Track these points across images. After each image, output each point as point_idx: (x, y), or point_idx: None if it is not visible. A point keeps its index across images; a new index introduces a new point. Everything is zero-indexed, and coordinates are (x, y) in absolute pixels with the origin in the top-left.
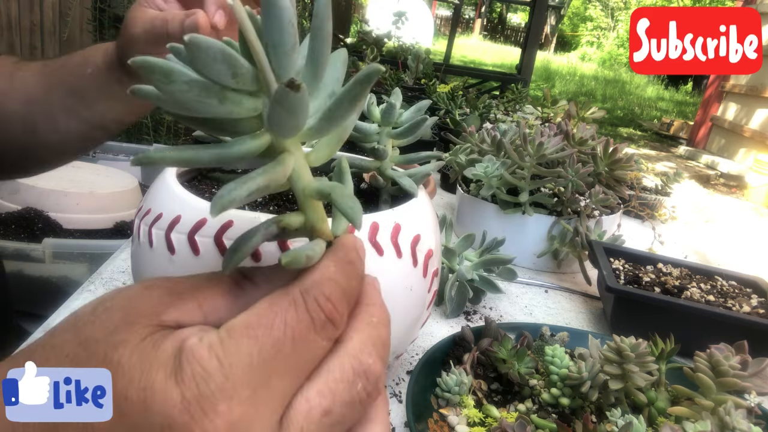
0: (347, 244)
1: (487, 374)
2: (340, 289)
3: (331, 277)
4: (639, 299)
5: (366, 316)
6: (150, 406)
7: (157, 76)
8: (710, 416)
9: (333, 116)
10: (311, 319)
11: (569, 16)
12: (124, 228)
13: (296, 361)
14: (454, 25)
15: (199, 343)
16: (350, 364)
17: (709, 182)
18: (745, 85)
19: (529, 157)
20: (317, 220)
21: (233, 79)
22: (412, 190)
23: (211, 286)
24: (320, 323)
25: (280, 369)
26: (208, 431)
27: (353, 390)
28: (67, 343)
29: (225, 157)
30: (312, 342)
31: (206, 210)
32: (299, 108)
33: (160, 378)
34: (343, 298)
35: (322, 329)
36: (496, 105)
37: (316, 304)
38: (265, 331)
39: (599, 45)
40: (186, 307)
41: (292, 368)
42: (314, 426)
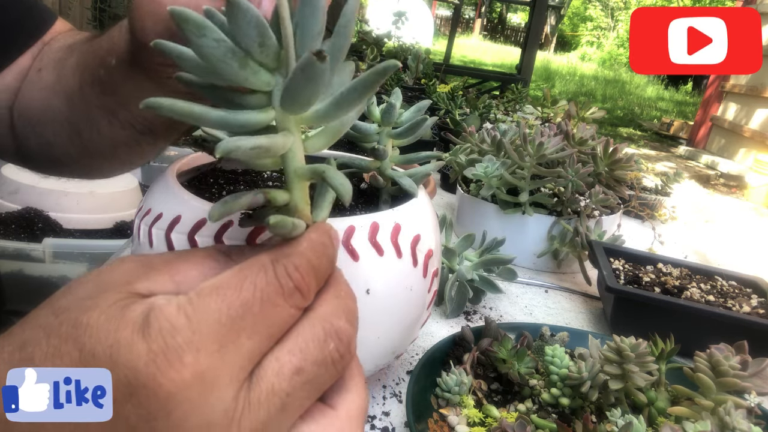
0: (322, 228)
1: (487, 374)
2: (309, 264)
3: (302, 252)
4: (639, 299)
5: (334, 291)
6: (116, 360)
7: (191, 27)
8: (710, 416)
9: (342, 102)
10: (279, 284)
11: (569, 16)
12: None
13: (265, 323)
14: (454, 25)
15: (167, 303)
16: (321, 326)
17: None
18: (745, 85)
19: (529, 157)
20: (300, 201)
21: (259, 47)
22: (412, 190)
23: (185, 260)
24: (288, 290)
25: (248, 328)
26: (175, 380)
27: (325, 349)
28: (41, 316)
29: (230, 122)
30: (280, 306)
31: (206, 210)
32: (320, 79)
33: (127, 334)
34: (311, 271)
35: (290, 296)
36: (496, 105)
37: (284, 272)
38: (234, 291)
39: (599, 45)
40: (159, 278)
41: (261, 329)
42: (285, 383)
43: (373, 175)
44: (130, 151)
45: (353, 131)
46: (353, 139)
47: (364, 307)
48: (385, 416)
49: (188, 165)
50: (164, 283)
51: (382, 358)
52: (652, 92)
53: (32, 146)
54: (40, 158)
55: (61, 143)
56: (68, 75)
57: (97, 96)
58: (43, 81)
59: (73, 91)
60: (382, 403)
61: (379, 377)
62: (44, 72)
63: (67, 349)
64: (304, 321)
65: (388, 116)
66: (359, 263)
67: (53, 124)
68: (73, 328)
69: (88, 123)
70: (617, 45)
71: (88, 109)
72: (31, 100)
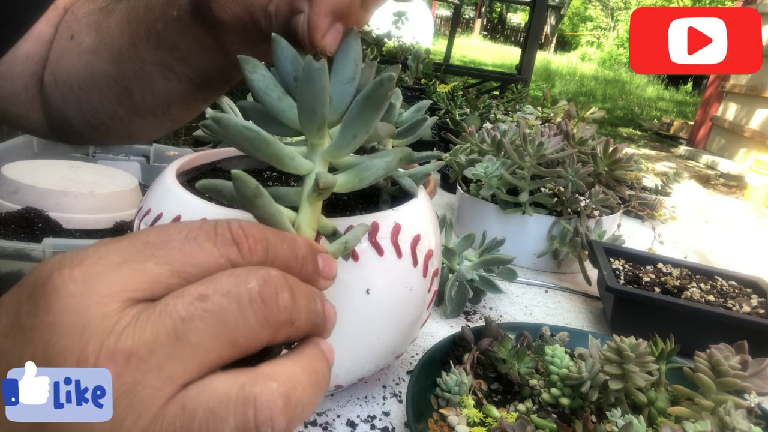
0: (306, 238)
1: (487, 374)
2: (261, 234)
3: (262, 228)
4: (639, 299)
5: (284, 275)
6: (27, 279)
7: (249, 65)
8: (710, 416)
9: (355, 116)
10: (214, 231)
11: (569, 16)
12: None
13: (181, 257)
14: (454, 25)
15: (112, 240)
16: (247, 270)
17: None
18: (745, 85)
19: (529, 157)
20: (305, 222)
21: (294, 81)
22: (413, 189)
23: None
24: (222, 239)
25: (160, 256)
26: (63, 275)
27: (241, 285)
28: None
29: (275, 154)
30: (206, 250)
31: (206, 210)
32: (317, 81)
33: (56, 259)
34: (261, 240)
35: (222, 245)
36: (496, 105)
37: (226, 225)
38: (162, 227)
39: (599, 45)
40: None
41: (174, 262)
42: (182, 306)
43: None
44: (184, 106)
45: None
46: None
47: (364, 307)
48: (385, 416)
49: (188, 165)
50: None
51: (382, 358)
52: (652, 92)
53: (72, 114)
54: (81, 126)
55: (108, 106)
56: (114, 35)
57: (152, 52)
58: (83, 46)
59: (122, 50)
60: (382, 403)
61: (379, 377)
62: (79, 37)
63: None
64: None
65: (388, 116)
66: (359, 263)
67: (99, 88)
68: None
69: (140, 81)
70: (617, 45)
71: (142, 66)
72: (71, 65)
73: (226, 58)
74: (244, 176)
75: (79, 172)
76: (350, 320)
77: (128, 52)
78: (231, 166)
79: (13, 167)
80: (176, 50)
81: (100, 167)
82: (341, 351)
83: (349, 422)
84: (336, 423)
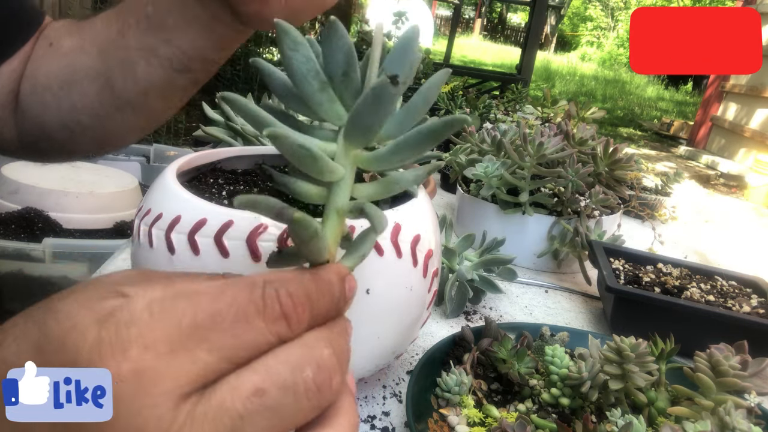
0: (337, 268)
1: (487, 374)
2: (306, 295)
3: (303, 281)
4: (639, 299)
5: (328, 327)
6: (65, 343)
7: (289, 39)
8: (710, 416)
9: (403, 147)
10: (264, 305)
11: (569, 16)
12: (124, 228)
13: (232, 341)
14: (454, 25)
15: (140, 298)
16: (300, 351)
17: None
18: (745, 85)
19: (529, 157)
20: (331, 237)
21: (342, 76)
22: (413, 190)
23: (185, 275)
24: (272, 314)
25: (210, 341)
26: (112, 372)
27: (297, 375)
28: (30, 313)
29: (319, 169)
30: (256, 329)
31: (207, 210)
32: (388, 103)
33: (86, 320)
34: (306, 303)
35: (273, 322)
36: (496, 105)
37: (274, 294)
38: (208, 299)
39: (599, 45)
40: (152, 285)
41: (225, 346)
42: (240, 403)
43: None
44: (161, 96)
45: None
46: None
47: (364, 307)
48: (385, 416)
49: (188, 165)
50: (155, 290)
51: (382, 358)
52: (652, 92)
53: (49, 118)
54: (57, 131)
55: (88, 103)
56: (99, 29)
57: (139, 37)
58: (63, 48)
59: (109, 41)
60: (382, 403)
61: (379, 377)
62: (59, 42)
63: (31, 330)
64: (283, 346)
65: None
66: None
67: (81, 85)
68: (44, 312)
69: (123, 69)
70: (617, 45)
71: (126, 53)
72: (51, 69)
73: (207, 36)
74: (304, 220)
75: (79, 172)
76: (350, 320)
77: (115, 42)
78: (231, 166)
79: (13, 167)
80: (163, 30)
81: (100, 167)
82: None
83: None
84: None
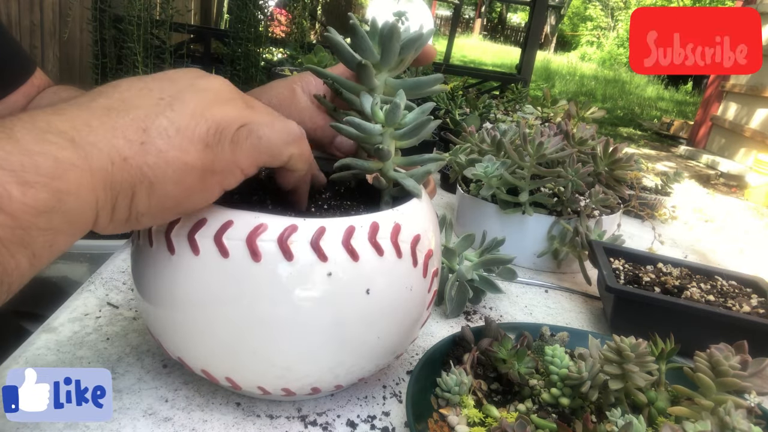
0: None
1: (487, 374)
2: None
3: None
4: (639, 299)
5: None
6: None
7: (359, 39)
8: (710, 416)
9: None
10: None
11: (569, 15)
12: None
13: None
14: (454, 25)
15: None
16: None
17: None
18: (745, 85)
19: (529, 157)
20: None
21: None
22: (416, 191)
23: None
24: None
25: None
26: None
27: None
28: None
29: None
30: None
31: (206, 210)
32: (397, 39)
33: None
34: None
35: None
36: (496, 105)
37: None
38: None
39: (599, 45)
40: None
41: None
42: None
43: (376, 177)
44: None
45: (357, 131)
46: (356, 139)
47: (365, 307)
48: (385, 416)
49: None
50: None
51: (382, 358)
52: (652, 92)
53: None
54: None
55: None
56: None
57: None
58: (63, 95)
59: None
60: (382, 403)
61: (379, 377)
62: (59, 93)
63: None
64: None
65: (393, 117)
66: (359, 263)
67: None
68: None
69: None
70: (617, 45)
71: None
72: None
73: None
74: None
75: None
76: (350, 320)
77: None
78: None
79: None
80: None
81: None
82: (341, 351)
83: (349, 422)
84: (336, 423)
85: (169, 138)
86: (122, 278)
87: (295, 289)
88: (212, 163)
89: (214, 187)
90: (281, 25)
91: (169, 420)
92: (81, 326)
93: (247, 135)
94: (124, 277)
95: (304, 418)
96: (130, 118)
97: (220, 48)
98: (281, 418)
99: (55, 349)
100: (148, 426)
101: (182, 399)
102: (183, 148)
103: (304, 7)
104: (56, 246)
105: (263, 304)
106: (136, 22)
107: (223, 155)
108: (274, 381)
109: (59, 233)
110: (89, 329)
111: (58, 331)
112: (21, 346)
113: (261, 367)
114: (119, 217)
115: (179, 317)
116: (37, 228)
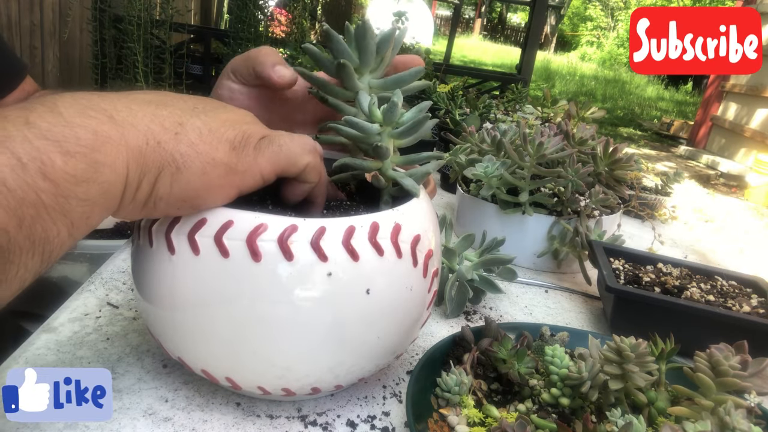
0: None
1: (487, 374)
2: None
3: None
4: (639, 299)
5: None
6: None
7: (334, 43)
8: (710, 416)
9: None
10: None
11: (569, 16)
12: (124, 228)
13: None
14: (454, 25)
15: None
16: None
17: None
18: (745, 85)
19: (529, 157)
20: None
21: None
22: (414, 190)
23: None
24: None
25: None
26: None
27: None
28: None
29: (361, 128)
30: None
31: (206, 210)
32: (372, 37)
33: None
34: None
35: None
36: (496, 105)
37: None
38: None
39: (599, 45)
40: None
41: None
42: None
43: (374, 176)
44: None
45: (355, 130)
46: (354, 139)
47: (365, 307)
48: (385, 416)
49: None
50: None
51: (382, 358)
52: (652, 92)
53: None
54: None
55: None
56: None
57: None
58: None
59: None
60: (382, 403)
61: (379, 377)
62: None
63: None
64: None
65: (390, 116)
66: (359, 263)
67: None
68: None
69: None
70: (617, 45)
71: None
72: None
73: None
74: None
75: None
76: (350, 320)
77: None
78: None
79: None
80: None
81: None
82: (341, 351)
83: (349, 422)
84: (336, 423)
85: (201, 135)
86: (122, 278)
87: (295, 289)
88: (236, 164)
89: (233, 187)
90: (281, 25)
91: (169, 420)
92: (81, 326)
93: (269, 143)
94: (124, 277)
95: (304, 418)
96: (168, 111)
97: (220, 48)
98: (281, 418)
99: (55, 349)
100: (148, 426)
101: (182, 399)
102: (213, 145)
103: (304, 7)
104: (92, 218)
105: (263, 304)
106: (136, 22)
107: (246, 158)
108: (274, 381)
109: (95, 205)
110: (89, 329)
111: (58, 331)
112: (21, 346)
113: (261, 367)
114: (140, 198)
115: (179, 317)
116: (77, 197)
